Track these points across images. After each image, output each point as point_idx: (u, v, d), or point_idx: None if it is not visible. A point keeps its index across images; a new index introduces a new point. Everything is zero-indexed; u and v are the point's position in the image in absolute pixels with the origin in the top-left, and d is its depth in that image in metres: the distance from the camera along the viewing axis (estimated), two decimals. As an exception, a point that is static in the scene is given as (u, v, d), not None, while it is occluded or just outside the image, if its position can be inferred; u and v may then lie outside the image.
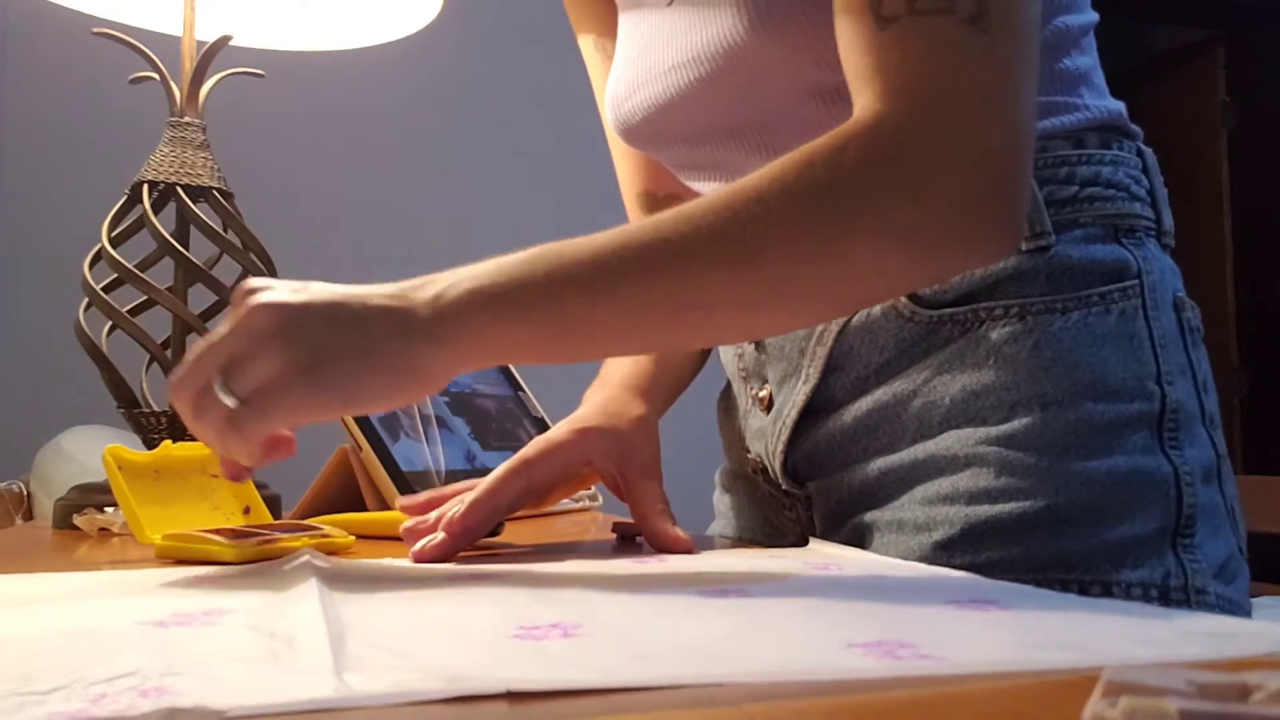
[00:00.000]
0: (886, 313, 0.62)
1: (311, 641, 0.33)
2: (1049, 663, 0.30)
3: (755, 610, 0.39)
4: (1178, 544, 0.57)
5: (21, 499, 1.59)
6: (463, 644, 0.34)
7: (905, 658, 0.30)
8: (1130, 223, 0.62)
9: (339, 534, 0.62)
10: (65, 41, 1.72)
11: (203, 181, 0.86)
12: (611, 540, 0.69)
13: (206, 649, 0.33)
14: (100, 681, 0.28)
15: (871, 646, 0.32)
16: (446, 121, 2.28)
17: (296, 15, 1.01)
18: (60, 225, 1.86)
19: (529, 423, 1.03)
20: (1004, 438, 0.58)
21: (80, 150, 1.98)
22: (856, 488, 0.64)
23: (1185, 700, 0.20)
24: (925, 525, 0.59)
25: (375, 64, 1.60)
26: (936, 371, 0.61)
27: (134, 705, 0.26)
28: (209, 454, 0.69)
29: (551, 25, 2.35)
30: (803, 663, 0.31)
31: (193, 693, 0.27)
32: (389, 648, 0.33)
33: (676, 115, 0.67)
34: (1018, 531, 0.56)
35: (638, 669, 0.30)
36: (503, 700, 0.27)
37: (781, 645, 0.33)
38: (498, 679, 0.28)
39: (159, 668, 0.30)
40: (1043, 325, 0.59)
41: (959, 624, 0.36)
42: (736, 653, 0.32)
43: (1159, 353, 0.59)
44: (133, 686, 0.28)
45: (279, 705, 0.26)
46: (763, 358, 0.70)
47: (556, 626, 0.36)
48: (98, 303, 0.83)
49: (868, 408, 0.63)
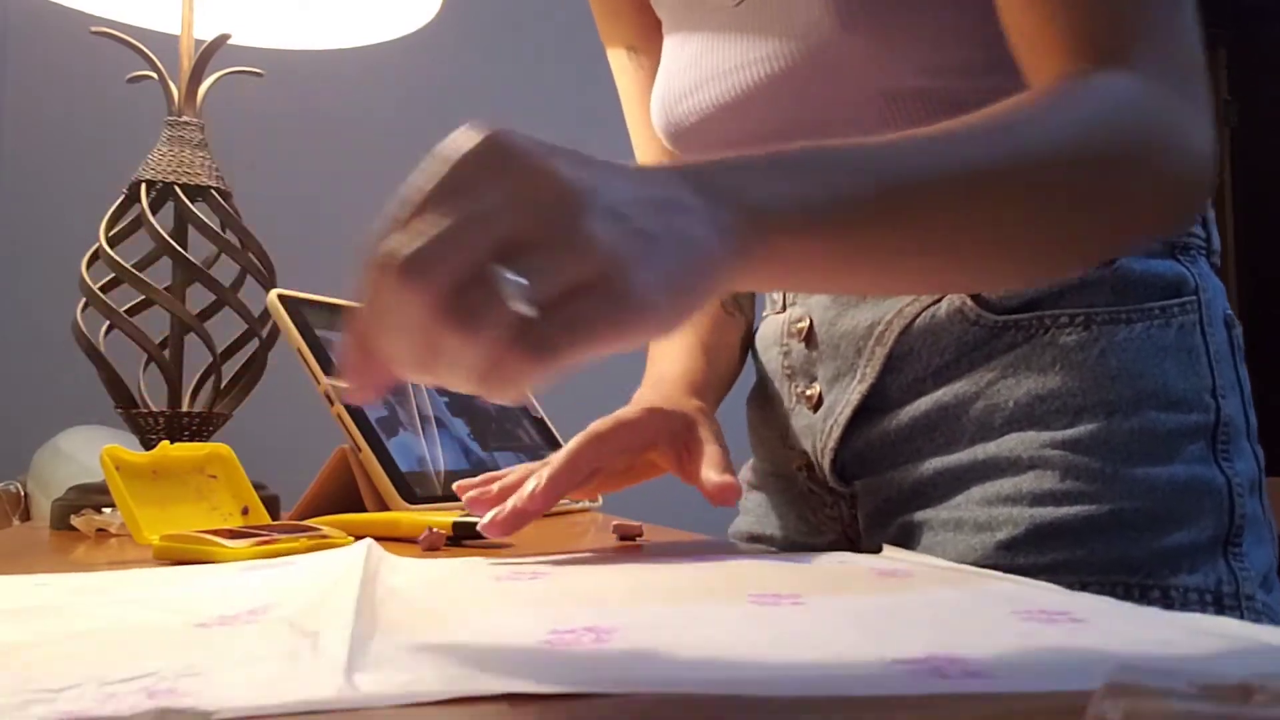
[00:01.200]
0: (951, 315, 0.63)
1: (334, 640, 0.32)
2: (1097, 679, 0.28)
3: (799, 619, 0.38)
4: (1228, 552, 0.59)
5: (19, 499, 1.59)
6: (489, 646, 0.33)
7: (952, 675, 0.28)
8: (1185, 240, 0.64)
9: (338, 535, 0.62)
10: (63, 40, 1.72)
11: (201, 181, 0.86)
12: (612, 541, 0.69)
13: (234, 649, 0.33)
14: (115, 682, 0.28)
15: (919, 663, 0.30)
16: (446, 120, 2.25)
17: (295, 14, 1.01)
18: (58, 224, 1.86)
19: (529, 423, 1.03)
20: (1069, 442, 0.59)
21: (78, 149, 1.98)
22: (908, 486, 0.65)
23: (1187, 701, 0.20)
24: (987, 525, 0.59)
25: (374, 63, 1.60)
26: (1000, 375, 0.62)
27: (137, 705, 0.26)
28: (207, 454, 0.69)
29: (551, 24, 2.36)
30: (838, 676, 0.29)
31: (197, 694, 0.27)
32: (414, 649, 0.32)
33: (737, 115, 0.67)
34: (1082, 534, 0.58)
35: (664, 675, 0.29)
36: (503, 701, 0.26)
37: (820, 658, 0.31)
38: (514, 682, 0.27)
39: (178, 668, 0.29)
40: (1108, 335, 0.60)
41: (1021, 639, 0.34)
42: (769, 664, 0.31)
43: (1214, 367, 0.62)
44: (144, 687, 0.27)
45: (276, 706, 0.26)
46: (813, 355, 0.70)
47: (590, 630, 0.35)
48: (95, 302, 0.83)
49: (925, 408, 0.64)
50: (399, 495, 0.78)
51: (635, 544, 0.67)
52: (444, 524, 0.65)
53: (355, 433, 0.79)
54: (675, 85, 0.71)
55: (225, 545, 0.55)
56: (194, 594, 0.44)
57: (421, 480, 0.82)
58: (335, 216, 2.17)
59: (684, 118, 0.70)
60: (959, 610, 0.39)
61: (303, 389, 0.82)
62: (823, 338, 0.70)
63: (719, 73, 0.67)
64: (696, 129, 0.70)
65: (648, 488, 0.71)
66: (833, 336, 0.69)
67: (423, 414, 0.88)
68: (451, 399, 0.94)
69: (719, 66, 0.67)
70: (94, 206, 0.98)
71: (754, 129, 0.67)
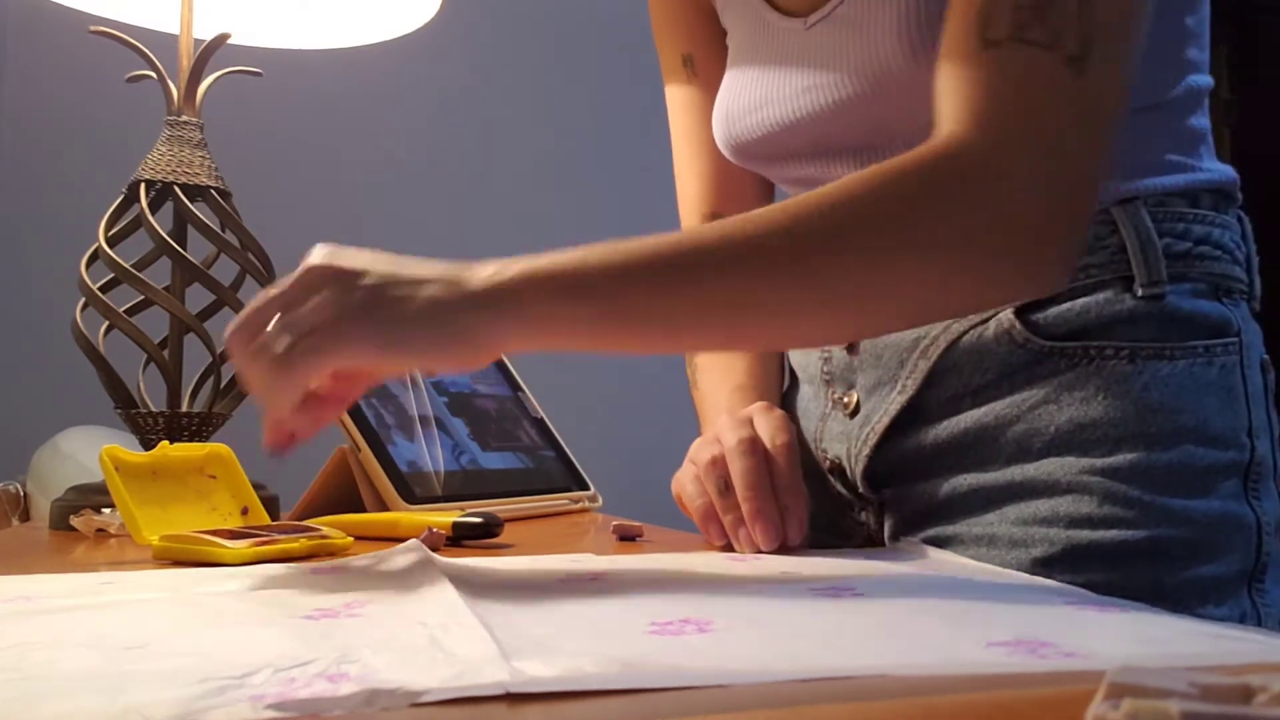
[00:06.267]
0: (999, 336, 0.64)
1: (468, 631, 0.33)
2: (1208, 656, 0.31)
3: (881, 610, 0.39)
4: (1253, 587, 0.61)
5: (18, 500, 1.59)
6: (605, 637, 0.34)
7: (1049, 656, 0.30)
8: (1229, 284, 0.65)
9: (337, 535, 0.62)
10: (63, 40, 1.72)
11: (200, 180, 0.86)
12: (613, 541, 0.69)
13: (366, 639, 0.33)
14: (286, 668, 0.29)
15: (1012, 646, 0.32)
16: (445, 120, 2.27)
17: (294, 13, 1.01)
18: (57, 224, 1.86)
19: (528, 423, 1.03)
20: (1109, 470, 0.60)
21: (77, 149, 1.98)
22: (938, 499, 0.66)
23: (1188, 702, 0.20)
24: (1022, 542, 0.61)
25: (373, 62, 1.60)
26: (1043, 400, 0.63)
27: (327, 689, 0.26)
28: (207, 454, 0.69)
29: (551, 24, 2.36)
30: (948, 659, 0.31)
31: (377, 677, 0.27)
32: (539, 640, 0.33)
33: (802, 133, 0.69)
34: (1117, 558, 0.59)
35: (786, 662, 0.30)
36: (503, 701, 0.26)
37: (921, 643, 0.33)
38: (664, 667, 0.28)
39: (333, 656, 0.30)
40: (1151, 369, 0.62)
41: (1087, 624, 0.37)
42: (876, 648, 0.33)
43: (1250, 407, 0.64)
44: (318, 673, 0.28)
45: (464, 688, 0.27)
46: (854, 362, 0.71)
47: (689, 622, 0.36)
48: (95, 303, 0.83)
49: (965, 425, 0.65)
50: (399, 495, 0.78)
51: (635, 544, 0.67)
52: (444, 524, 0.65)
53: (355, 433, 0.79)
54: (740, 101, 0.72)
55: (225, 545, 0.55)
56: (268, 590, 0.45)
57: (421, 480, 0.82)
58: (334, 216, 2.17)
59: (746, 133, 0.72)
60: (1017, 602, 0.41)
61: (302, 389, 0.82)
62: (865, 346, 0.70)
63: (786, 93, 0.68)
64: (759, 144, 0.72)
65: (648, 487, 0.71)
66: (876, 346, 0.69)
67: (422, 414, 0.88)
68: (451, 400, 0.94)
69: (786, 87, 0.68)
70: (94, 206, 0.98)
71: (822, 144, 0.69)
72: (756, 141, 0.71)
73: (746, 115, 0.71)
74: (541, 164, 2.32)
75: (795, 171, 0.73)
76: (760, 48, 0.72)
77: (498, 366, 1.04)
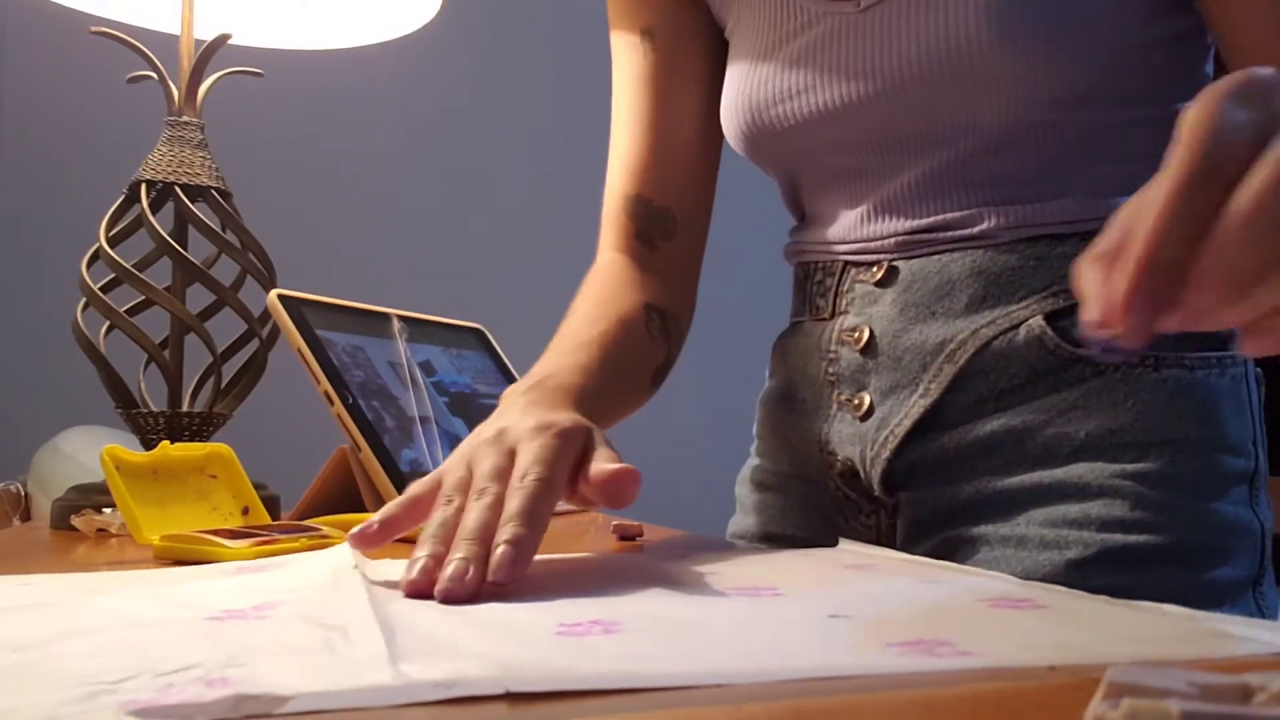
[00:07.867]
0: (1030, 342, 0.64)
1: (364, 633, 0.33)
2: (1092, 656, 0.31)
3: (793, 610, 0.40)
4: (1256, 591, 0.64)
5: (19, 499, 1.59)
6: (509, 639, 0.34)
7: (945, 655, 0.31)
8: None
9: (337, 535, 0.62)
10: (63, 40, 1.72)
11: (201, 181, 0.86)
12: (613, 541, 0.69)
13: (263, 641, 0.33)
14: (166, 673, 0.29)
15: (911, 645, 0.32)
16: (445, 120, 2.27)
17: (295, 14, 1.01)
18: (58, 224, 1.86)
19: (528, 422, 1.03)
20: (1139, 474, 0.62)
21: (78, 149, 1.98)
22: (960, 502, 0.66)
23: (1187, 702, 0.20)
24: (1055, 544, 0.62)
25: (374, 63, 1.60)
26: (1072, 405, 0.64)
27: (201, 694, 0.26)
28: (207, 454, 0.69)
29: (550, 24, 2.36)
30: (843, 661, 0.31)
31: (256, 681, 0.27)
32: (438, 641, 0.33)
33: (846, 121, 0.67)
34: (1148, 561, 0.61)
35: (680, 665, 0.30)
36: (503, 701, 0.26)
37: (822, 645, 0.34)
38: (552, 669, 0.28)
39: (220, 659, 0.30)
40: (1175, 378, 0.64)
41: (994, 623, 0.37)
42: (775, 651, 0.33)
43: (1254, 418, 0.67)
44: (198, 677, 0.28)
45: (340, 692, 0.26)
46: (869, 364, 0.70)
47: (598, 623, 0.36)
48: (95, 303, 0.83)
49: (991, 429, 0.65)
50: (399, 495, 0.78)
51: (635, 543, 0.67)
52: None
53: (355, 433, 0.79)
54: (768, 89, 0.70)
55: (225, 545, 0.55)
56: (191, 591, 0.44)
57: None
58: (335, 216, 2.17)
59: (778, 121, 0.70)
60: (932, 599, 0.42)
61: (303, 389, 0.82)
62: (884, 348, 0.69)
63: (829, 80, 0.66)
64: (794, 131, 0.70)
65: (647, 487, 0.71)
66: (896, 349, 0.68)
67: (422, 415, 0.88)
68: (452, 399, 0.94)
69: (830, 73, 0.66)
70: (94, 206, 0.98)
71: (863, 134, 0.67)
72: (790, 130, 0.69)
73: (778, 104, 0.69)
74: (541, 164, 2.32)
75: (836, 161, 0.71)
76: (789, 35, 0.70)
77: (498, 367, 1.04)
